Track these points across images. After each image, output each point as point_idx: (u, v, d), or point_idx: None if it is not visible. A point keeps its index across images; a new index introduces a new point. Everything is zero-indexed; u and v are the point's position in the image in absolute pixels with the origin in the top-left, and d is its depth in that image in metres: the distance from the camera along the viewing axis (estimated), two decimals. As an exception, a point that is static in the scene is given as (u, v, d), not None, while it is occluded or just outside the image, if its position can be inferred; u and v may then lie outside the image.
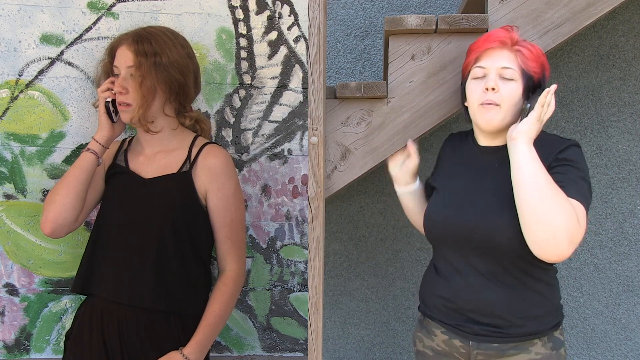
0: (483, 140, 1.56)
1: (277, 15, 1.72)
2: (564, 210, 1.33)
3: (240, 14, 1.72)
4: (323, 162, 1.70)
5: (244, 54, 1.73)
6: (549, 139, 1.49)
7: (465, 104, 1.57)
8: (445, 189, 1.57)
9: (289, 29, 1.73)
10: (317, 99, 1.67)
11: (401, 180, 1.73)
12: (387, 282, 2.53)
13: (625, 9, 2.38)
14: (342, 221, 2.53)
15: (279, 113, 1.75)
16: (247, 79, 1.74)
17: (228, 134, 1.76)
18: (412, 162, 1.70)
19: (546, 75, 1.53)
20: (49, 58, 1.69)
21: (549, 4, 1.74)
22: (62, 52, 1.70)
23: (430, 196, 1.65)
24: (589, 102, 2.41)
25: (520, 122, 1.43)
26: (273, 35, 1.73)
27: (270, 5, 1.72)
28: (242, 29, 1.72)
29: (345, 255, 2.54)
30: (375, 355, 2.57)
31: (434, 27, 1.75)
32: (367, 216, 2.52)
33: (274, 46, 1.73)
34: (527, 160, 1.38)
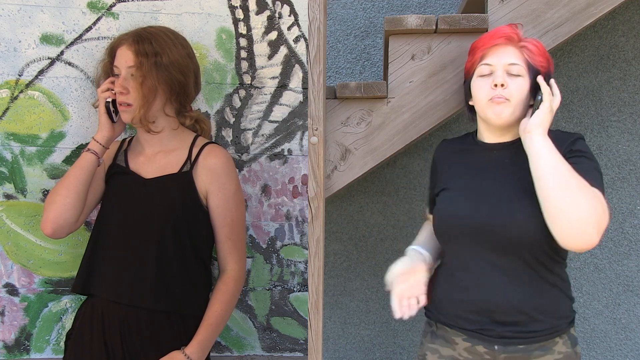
0: (490, 138, 1.54)
1: (277, 15, 1.72)
2: (589, 197, 1.33)
3: (240, 14, 1.72)
4: (323, 162, 1.70)
5: (244, 54, 1.73)
6: (554, 134, 1.49)
7: (470, 102, 1.56)
8: (455, 188, 1.53)
9: (289, 29, 1.73)
10: (317, 99, 1.67)
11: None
12: (387, 282, 2.53)
13: (625, 9, 2.38)
14: (342, 221, 2.53)
15: (279, 113, 1.75)
16: (247, 79, 1.74)
17: (228, 134, 1.76)
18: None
19: (551, 70, 1.53)
20: (49, 58, 1.69)
21: (549, 4, 1.74)
22: (62, 52, 1.70)
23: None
24: (589, 102, 2.41)
25: (533, 114, 1.43)
26: (273, 35, 1.73)
27: (270, 5, 1.72)
28: (242, 29, 1.72)
29: (345, 255, 2.54)
30: (375, 355, 2.57)
31: (434, 27, 1.75)
32: (367, 216, 2.52)
33: (274, 46, 1.73)
34: (546, 151, 1.38)
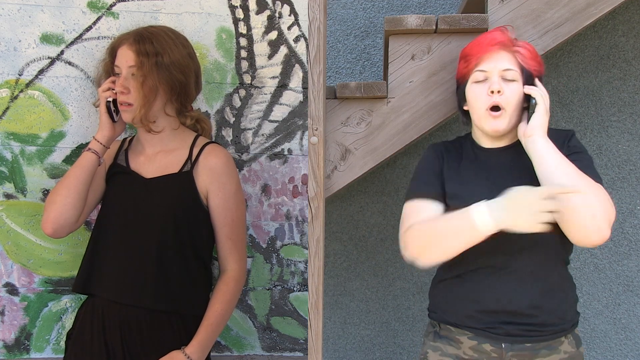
0: (487, 143, 1.55)
1: (277, 15, 1.72)
2: (597, 193, 1.35)
3: (240, 13, 1.72)
4: (323, 162, 1.70)
5: (244, 53, 1.73)
6: (549, 133, 1.50)
7: (465, 107, 1.56)
8: (467, 195, 1.49)
9: (289, 28, 1.73)
10: (317, 99, 1.67)
11: None
12: (387, 282, 2.53)
13: (625, 9, 2.38)
14: (342, 221, 2.53)
15: (279, 113, 1.75)
16: (247, 79, 1.74)
17: (228, 134, 1.75)
18: None
19: (542, 72, 1.55)
20: (49, 58, 1.69)
21: (549, 4, 1.74)
22: (62, 52, 1.70)
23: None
24: (589, 102, 2.41)
25: (531, 118, 1.45)
26: (273, 35, 1.73)
27: (270, 5, 1.72)
28: (242, 29, 1.72)
29: (345, 255, 2.54)
30: (375, 355, 2.57)
31: (434, 27, 1.75)
32: (367, 216, 2.52)
33: (274, 46, 1.73)
34: (550, 152, 1.41)
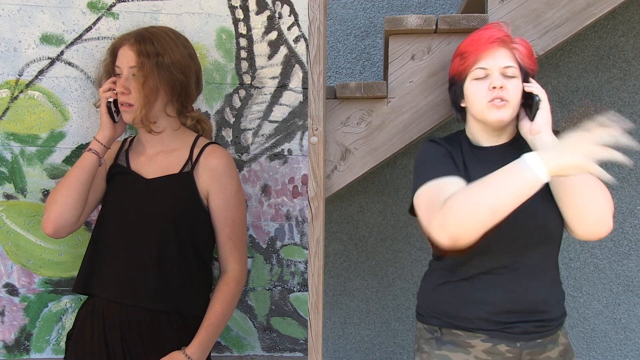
0: (487, 140, 1.54)
1: (277, 15, 1.72)
2: (600, 187, 1.40)
3: (240, 14, 1.72)
4: (323, 162, 1.70)
5: (244, 54, 1.73)
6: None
7: (463, 104, 1.56)
8: None
9: (289, 29, 1.73)
10: (317, 99, 1.67)
11: None
12: (387, 282, 2.53)
13: (625, 9, 2.38)
14: (342, 221, 2.53)
15: (279, 113, 1.75)
16: (247, 79, 1.74)
17: (228, 134, 1.75)
18: None
19: (536, 70, 1.57)
20: (49, 58, 1.69)
21: (549, 4, 1.74)
22: (62, 52, 1.70)
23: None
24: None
25: (536, 115, 1.48)
26: (273, 35, 1.73)
27: (270, 5, 1.72)
28: (242, 29, 1.72)
29: (345, 255, 2.54)
30: (375, 355, 2.57)
31: (434, 27, 1.75)
32: (367, 216, 2.52)
33: (274, 46, 1.73)
34: None
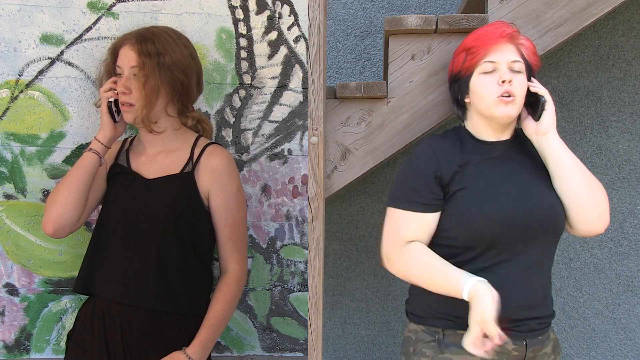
0: (491, 136, 1.53)
1: (277, 15, 1.72)
2: (600, 186, 1.48)
3: (240, 14, 1.72)
4: (323, 162, 1.70)
5: (244, 54, 1.73)
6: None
7: (467, 99, 1.54)
8: (479, 187, 1.46)
9: (289, 29, 1.73)
10: (317, 99, 1.67)
11: None
12: (387, 282, 2.53)
13: (625, 9, 2.38)
14: (342, 221, 2.53)
15: (279, 113, 1.75)
16: (247, 79, 1.74)
17: (228, 134, 1.75)
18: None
19: (538, 68, 1.58)
20: (49, 58, 1.69)
21: (549, 4, 1.74)
22: (62, 52, 1.70)
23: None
24: (589, 102, 2.41)
25: (542, 115, 1.50)
26: (273, 35, 1.73)
27: (270, 5, 1.72)
28: (242, 29, 1.72)
29: (345, 255, 2.54)
30: (375, 355, 2.57)
31: (434, 27, 1.75)
32: (367, 216, 2.52)
33: (274, 46, 1.73)
34: (565, 150, 1.49)
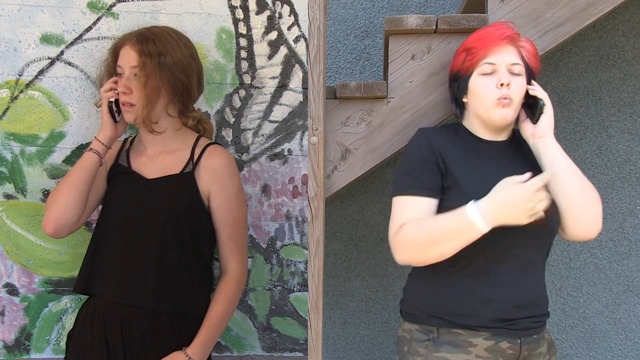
0: (487, 135, 1.55)
1: (277, 15, 1.72)
2: (594, 191, 1.48)
3: (240, 14, 1.72)
4: (323, 162, 1.69)
5: (244, 54, 1.73)
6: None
7: (465, 99, 1.56)
8: (473, 184, 1.46)
9: (289, 29, 1.73)
10: (317, 99, 1.67)
11: None
12: (387, 282, 2.53)
13: (625, 9, 2.38)
14: (342, 221, 2.53)
15: (279, 113, 1.75)
16: (247, 79, 1.74)
17: (228, 134, 1.76)
18: None
19: (539, 71, 1.58)
20: (49, 58, 1.69)
21: (549, 4, 1.74)
22: (62, 52, 1.70)
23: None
24: (589, 102, 2.41)
25: (540, 119, 1.50)
26: (273, 35, 1.73)
27: (270, 5, 1.72)
28: (242, 29, 1.72)
29: (345, 255, 2.54)
30: (375, 355, 2.57)
31: (434, 27, 1.75)
32: (367, 216, 2.52)
33: (274, 46, 1.73)
34: (561, 154, 1.49)
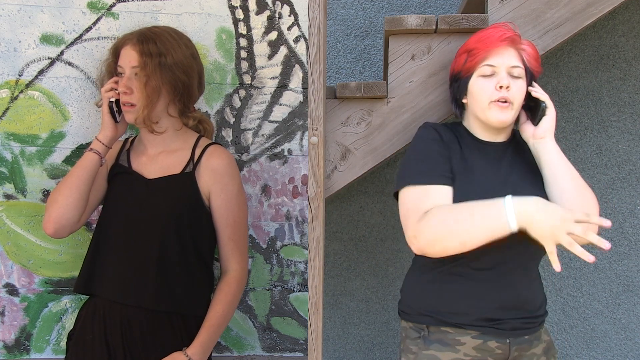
0: (485, 136, 1.56)
1: (277, 15, 1.72)
2: (592, 195, 1.49)
3: (240, 14, 1.72)
4: (323, 162, 1.70)
5: (244, 54, 1.73)
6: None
7: (464, 100, 1.56)
8: (473, 181, 1.48)
9: (289, 29, 1.73)
10: (317, 99, 1.67)
11: None
12: (387, 282, 2.53)
13: (625, 9, 2.38)
14: (342, 221, 2.53)
15: (279, 113, 1.75)
16: (247, 79, 1.74)
17: (228, 134, 1.76)
18: None
19: (540, 73, 1.58)
20: (49, 58, 1.69)
21: (549, 4, 1.74)
22: (62, 52, 1.70)
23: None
24: (589, 102, 2.41)
25: (542, 120, 1.51)
26: (273, 35, 1.73)
27: (270, 5, 1.72)
28: (242, 29, 1.72)
29: (345, 255, 2.54)
30: (375, 355, 2.57)
31: (434, 27, 1.75)
32: (367, 216, 2.52)
33: (274, 46, 1.73)
34: (560, 156, 1.50)
